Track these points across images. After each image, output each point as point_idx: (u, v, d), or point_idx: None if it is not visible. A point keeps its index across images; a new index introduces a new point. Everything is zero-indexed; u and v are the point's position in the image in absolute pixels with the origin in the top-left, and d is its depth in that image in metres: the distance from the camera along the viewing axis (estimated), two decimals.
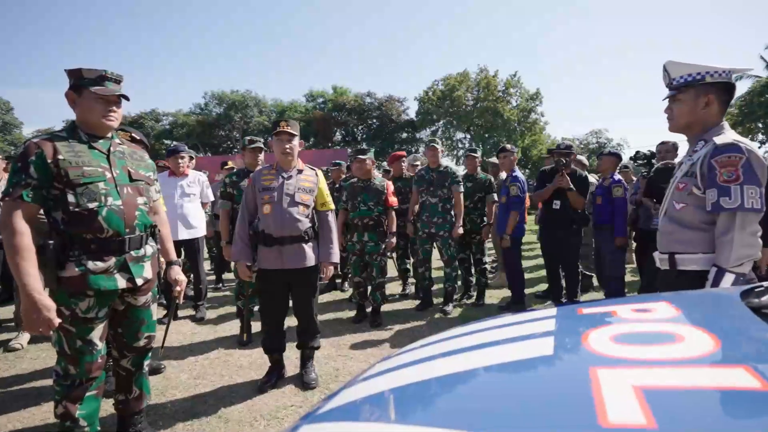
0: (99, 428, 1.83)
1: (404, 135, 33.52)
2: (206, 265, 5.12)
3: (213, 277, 5.70)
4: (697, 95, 1.59)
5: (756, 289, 1.02)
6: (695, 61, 1.61)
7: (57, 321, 1.61)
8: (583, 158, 4.99)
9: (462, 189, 4.10)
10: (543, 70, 58.76)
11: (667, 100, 1.71)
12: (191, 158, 4.29)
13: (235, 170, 3.80)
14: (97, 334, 1.75)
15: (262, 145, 3.58)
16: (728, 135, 1.53)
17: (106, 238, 1.73)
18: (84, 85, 1.74)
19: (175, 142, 33.01)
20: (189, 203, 3.86)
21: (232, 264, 6.06)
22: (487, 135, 30.70)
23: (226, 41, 69.85)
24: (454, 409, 0.61)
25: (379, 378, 0.85)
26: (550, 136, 34.16)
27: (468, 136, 32.05)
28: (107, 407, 2.17)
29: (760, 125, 24.58)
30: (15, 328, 3.49)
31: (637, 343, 0.72)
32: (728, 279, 1.40)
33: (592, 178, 4.82)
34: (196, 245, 3.93)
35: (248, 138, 3.58)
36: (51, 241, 1.66)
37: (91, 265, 1.70)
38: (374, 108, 32.72)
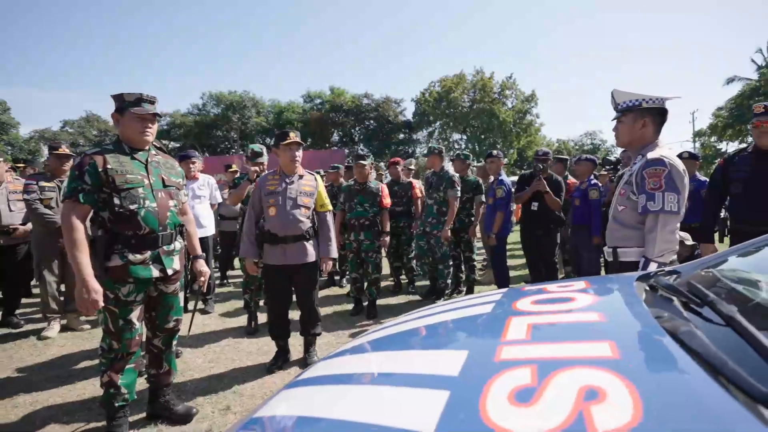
0: (135, 397, 2.16)
1: (401, 136, 33.85)
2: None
3: (218, 274, 6.01)
4: (635, 118, 1.94)
5: (657, 273, 1.36)
6: (636, 89, 1.96)
7: (102, 303, 1.92)
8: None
9: (457, 194, 4.39)
10: (539, 71, 59.32)
11: (615, 120, 2.05)
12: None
13: (241, 174, 4.11)
14: (136, 315, 2.08)
15: (264, 160, 3.83)
16: (658, 151, 1.87)
17: (144, 234, 2.06)
18: (125, 107, 2.06)
19: (172, 142, 33.16)
20: (200, 204, 4.17)
21: (236, 261, 6.42)
22: (483, 136, 31.09)
23: (224, 42, 70.04)
24: (413, 340, 0.95)
25: (366, 335, 1.19)
26: (546, 138, 34.63)
27: (464, 137, 32.44)
28: (140, 383, 2.49)
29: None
30: (43, 320, 3.80)
31: (546, 303, 1.06)
32: (652, 267, 1.74)
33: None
34: (206, 243, 4.24)
35: (251, 150, 3.81)
36: (100, 237, 1.98)
37: (131, 257, 2.03)
38: (371, 109, 33.02)
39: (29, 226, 3.92)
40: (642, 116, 1.93)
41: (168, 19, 69.60)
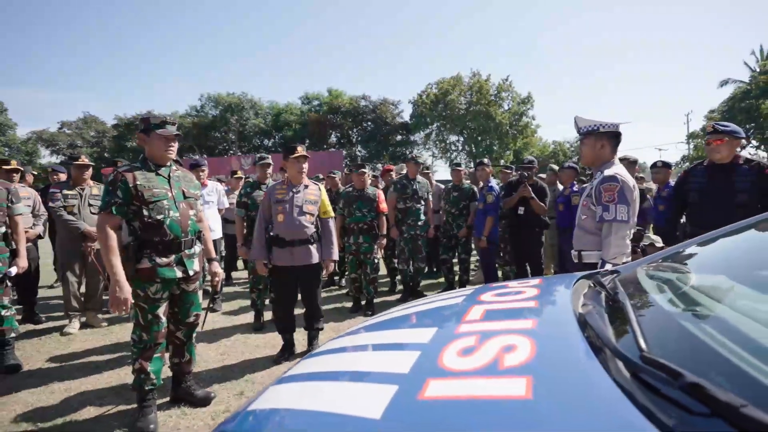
0: (162, 382, 2.45)
1: (398, 138, 34.12)
2: None
3: (224, 275, 6.30)
4: (595, 141, 2.26)
5: (598, 272, 1.67)
6: (599, 111, 2.27)
7: (131, 301, 2.20)
8: (554, 166, 5.72)
9: (431, 197, 5.10)
10: (535, 73, 59.87)
11: (580, 142, 2.37)
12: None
13: (247, 183, 4.42)
14: (162, 310, 2.38)
15: (270, 161, 4.22)
16: (613, 169, 2.19)
17: (169, 240, 2.36)
18: (151, 128, 2.36)
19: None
20: (208, 210, 4.47)
21: (240, 263, 6.72)
22: (479, 138, 31.43)
23: (222, 43, 70.27)
24: (398, 324, 1.27)
25: (361, 324, 1.50)
26: (542, 139, 35.00)
27: (461, 139, 32.78)
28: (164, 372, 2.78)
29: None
30: (65, 317, 4.09)
31: (502, 296, 1.37)
32: (607, 268, 2.06)
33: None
34: (215, 246, 4.53)
35: (259, 155, 4.20)
36: (132, 243, 2.29)
37: (158, 260, 2.33)
38: (369, 111, 33.29)
39: (38, 229, 4.18)
40: (600, 139, 2.25)
41: (166, 21, 69.79)
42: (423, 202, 4.86)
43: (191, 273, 2.46)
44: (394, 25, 71.45)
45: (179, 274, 2.40)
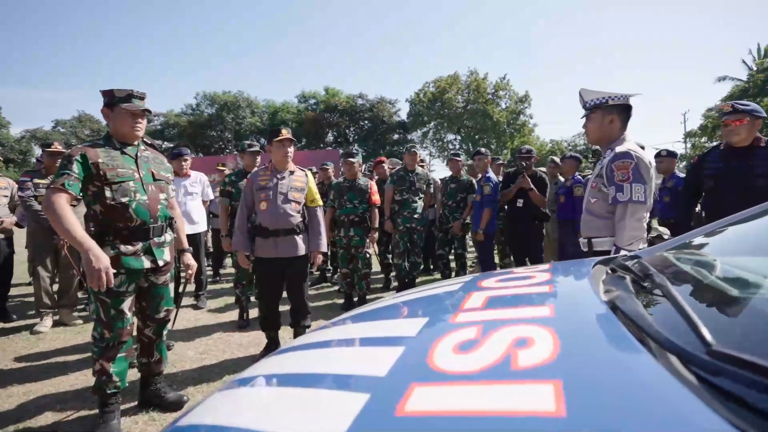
0: (126, 385, 2.21)
1: (396, 136, 33.89)
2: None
3: (210, 272, 6.06)
4: (603, 115, 2.03)
5: (618, 257, 1.45)
6: (599, 89, 2.05)
7: (112, 270, 1.90)
8: (555, 158, 5.50)
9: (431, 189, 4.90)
10: (532, 72, 59.78)
11: (584, 118, 2.14)
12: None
13: (233, 171, 4.20)
14: (127, 305, 2.13)
15: (259, 149, 4.00)
16: (626, 145, 1.97)
17: (135, 226, 2.12)
18: (116, 102, 2.12)
19: (166, 142, 33.02)
20: (191, 201, 4.23)
21: (227, 260, 6.47)
22: (477, 137, 31.26)
23: (218, 42, 69.82)
24: (386, 314, 1.04)
25: (347, 314, 1.27)
26: (539, 138, 34.87)
27: (458, 138, 32.60)
28: (132, 374, 2.54)
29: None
30: (36, 315, 3.83)
31: (507, 281, 1.14)
32: (622, 254, 1.84)
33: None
34: (197, 240, 4.30)
35: (247, 143, 3.98)
36: (93, 229, 2.04)
37: (123, 248, 2.09)
38: (366, 109, 33.05)
39: (14, 218, 3.96)
40: (609, 113, 2.02)
41: (162, 19, 69.27)
42: (421, 194, 4.61)
43: (161, 263, 2.22)
44: (392, 23, 71.19)
45: (147, 264, 2.16)
